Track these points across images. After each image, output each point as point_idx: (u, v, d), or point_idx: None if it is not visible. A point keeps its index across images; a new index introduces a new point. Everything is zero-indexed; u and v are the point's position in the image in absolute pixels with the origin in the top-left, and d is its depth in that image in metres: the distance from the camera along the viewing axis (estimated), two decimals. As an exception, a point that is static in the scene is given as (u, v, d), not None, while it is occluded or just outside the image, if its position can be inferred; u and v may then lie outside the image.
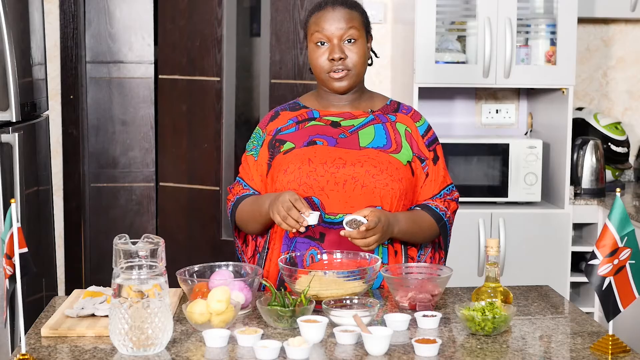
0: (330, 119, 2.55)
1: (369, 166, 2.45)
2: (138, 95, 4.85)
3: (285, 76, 4.63)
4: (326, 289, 2.22)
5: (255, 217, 2.49)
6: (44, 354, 1.96)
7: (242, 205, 2.55)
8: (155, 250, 2.07)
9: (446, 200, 2.57)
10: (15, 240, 1.90)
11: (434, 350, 1.94)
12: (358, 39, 2.48)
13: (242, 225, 2.58)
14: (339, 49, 2.46)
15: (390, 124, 2.55)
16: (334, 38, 2.46)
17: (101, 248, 4.73)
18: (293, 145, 2.51)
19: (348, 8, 2.49)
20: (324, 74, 2.49)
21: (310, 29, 2.51)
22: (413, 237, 2.50)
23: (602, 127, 4.28)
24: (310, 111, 2.57)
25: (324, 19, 2.48)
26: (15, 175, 3.46)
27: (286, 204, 2.30)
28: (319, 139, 2.50)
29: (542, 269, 3.92)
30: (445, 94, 4.37)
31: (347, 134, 2.51)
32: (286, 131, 2.55)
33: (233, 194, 2.60)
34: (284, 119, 2.58)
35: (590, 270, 1.98)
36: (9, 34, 3.42)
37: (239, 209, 2.55)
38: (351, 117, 2.54)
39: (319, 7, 2.52)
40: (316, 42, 2.48)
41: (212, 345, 2.00)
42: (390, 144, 2.51)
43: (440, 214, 2.53)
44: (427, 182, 2.55)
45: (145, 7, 4.80)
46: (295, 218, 2.29)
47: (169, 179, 4.92)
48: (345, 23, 2.47)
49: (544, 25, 4.02)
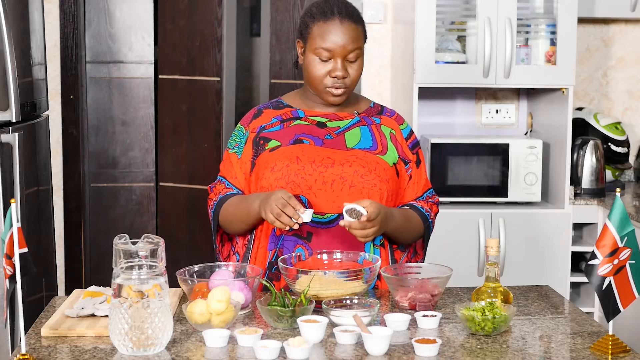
0: (316, 119, 2.54)
1: (357, 166, 2.46)
2: (138, 95, 4.85)
3: (285, 76, 4.63)
4: (326, 289, 2.22)
5: (242, 216, 2.47)
6: (44, 354, 1.96)
7: (226, 204, 2.51)
8: (155, 250, 2.07)
9: (429, 202, 2.60)
10: (15, 240, 1.90)
11: (434, 350, 1.94)
12: (360, 56, 2.48)
13: (225, 225, 2.54)
14: (343, 67, 2.44)
15: (375, 126, 2.56)
16: (338, 55, 2.44)
17: (101, 248, 4.73)
18: (279, 143, 2.50)
19: (354, 23, 2.45)
20: (322, 87, 2.48)
21: (312, 39, 2.45)
22: (403, 234, 2.51)
23: (602, 127, 4.28)
24: (294, 110, 2.56)
25: (331, 32, 2.43)
26: (15, 175, 3.46)
27: (280, 201, 2.29)
28: (305, 138, 2.50)
29: (542, 269, 3.92)
30: (445, 94, 4.37)
31: (334, 135, 2.51)
32: (271, 129, 2.53)
33: (215, 193, 2.56)
34: (267, 117, 2.56)
35: (590, 270, 1.98)
36: (9, 34, 3.42)
37: (223, 209, 2.52)
38: (337, 119, 2.55)
39: (324, 16, 2.45)
40: (319, 56, 2.45)
41: (212, 345, 2.00)
42: (376, 146, 2.52)
43: (426, 215, 2.56)
44: (410, 185, 2.57)
45: (145, 7, 4.80)
46: (290, 215, 2.28)
47: (169, 179, 4.92)
48: (352, 42, 2.44)
49: (544, 25, 4.02)
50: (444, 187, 3.98)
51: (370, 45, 4.43)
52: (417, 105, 3.91)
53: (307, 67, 2.49)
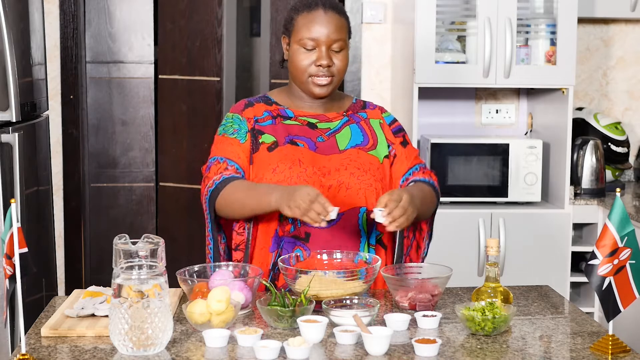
0: (306, 120, 2.54)
1: (353, 168, 2.48)
2: (138, 95, 4.84)
3: (285, 76, 4.58)
4: (326, 289, 2.22)
5: (251, 204, 2.38)
6: (44, 354, 1.96)
7: (232, 187, 2.41)
8: (155, 250, 2.07)
9: (425, 172, 2.60)
10: (15, 240, 1.90)
11: (434, 350, 1.94)
12: (344, 48, 2.49)
13: (224, 208, 2.43)
14: (327, 56, 2.46)
15: (364, 121, 2.59)
16: (322, 44, 2.46)
17: (101, 248, 4.73)
18: (273, 138, 2.49)
19: (338, 14, 2.48)
20: (306, 77, 2.49)
21: (297, 30, 2.48)
22: (424, 207, 2.49)
23: (602, 127, 4.28)
24: (283, 109, 2.56)
25: (315, 22, 2.46)
26: (15, 175, 3.46)
27: (307, 198, 2.23)
28: (299, 141, 2.50)
29: (542, 269, 3.92)
30: (445, 94, 4.37)
31: (325, 138, 2.52)
32: (263, 123, 2.53)
33: (214, 172, 2.47)
34: (259, 110, 2.55)
35: (590, 270, 1.98)
36: (9, 34, 3.42)
37: (227, 190, 2.41)
38: (326, 120, 2.55)
39: (308, 7, 2.48)
40: (304, 46, 2.47)
41: (212, 345, 2.00)
42: (367, 140, 2.55)
43: (432, 183, 2.57)
44: (396, 162, 2.58)
45: (145, 7, 4.79)
46: (319, 212, 2.24)
47: (169, 179, 4.92)
48: (336, 32, 2.46)
49: (544, 25, 4.02)
50: (444, 187, 3.98)
51: (370, 45, 4.43)
52: (417, 105, 3.91)
53: (292, 59, 2.50)
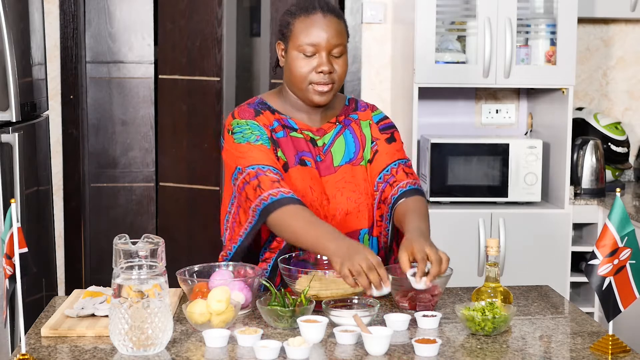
0: (309, 135, 2.49)
1: (348, 192, 2.47)
2: (138, 95, 4.84)
3: (285, 76, 4.62)
4: (326, 289, 2.22)
5: (306, 241, 2.26)
6: (44, 354, 1.96)
7: (291, 211, 2.28)
8: (155, 250, 2.07)
9: (405, 170, 2.52)
10: (15, 240, 1.90)
11: (434, 350, 1.94)
12: (344, 53, 2.44)
13: (274, 227, 2.32)
14: (328, 61, 2.39)
15: (354, 122, 2.55)
16: (322, 50, 2.39)
17: (101, 248, 4.73)
18: (285, 159, 2.43)
19: (337, 18, 2.41)
20: (306, 85, 2.41)
21: (295, 36, 2.39)
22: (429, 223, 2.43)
23: (602, 127, 4.28)
24: (286, 119, 2.48)
25: (314, 26, 2.38)
26: (15, 175, 3.46)
27: (366, 263, 2.11)
28: (307, 158, 2.46)
29: (542, 269, 3.91)
30: (445, 94, 4.37)
31: (322, 157, 2.48)
32: (277, 133, 2.45)
33: (267, 184, 2.32)
34: (269, 119, 2.47)
35: (590, 270, 1.98)
36: (9, 34, 3.42)
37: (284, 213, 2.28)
38: (323, 133, 2.51)
39: (306, 11, 2.40)
40: (304, 52, 2.39)
41: (212, 345, 2.00)
42: (358, 149, 2.52)
43: (417, 188, 2.48)
44: (376, 157, 2.53)
45: (145, 7, 4.79)
46: (374, 282, 2.11)
47: (169, 179, 4.92)
48: (336, 36, 2.39)
49: (544, 25, 4.02)
50: (444, 187, 3.98)
51: (370, 45, 4.43)
52: (417, 105, 3.91)
53: (290, 66, 2.42)
